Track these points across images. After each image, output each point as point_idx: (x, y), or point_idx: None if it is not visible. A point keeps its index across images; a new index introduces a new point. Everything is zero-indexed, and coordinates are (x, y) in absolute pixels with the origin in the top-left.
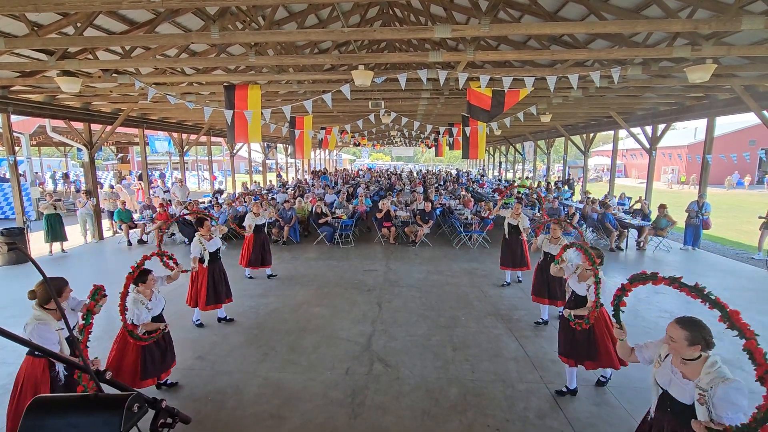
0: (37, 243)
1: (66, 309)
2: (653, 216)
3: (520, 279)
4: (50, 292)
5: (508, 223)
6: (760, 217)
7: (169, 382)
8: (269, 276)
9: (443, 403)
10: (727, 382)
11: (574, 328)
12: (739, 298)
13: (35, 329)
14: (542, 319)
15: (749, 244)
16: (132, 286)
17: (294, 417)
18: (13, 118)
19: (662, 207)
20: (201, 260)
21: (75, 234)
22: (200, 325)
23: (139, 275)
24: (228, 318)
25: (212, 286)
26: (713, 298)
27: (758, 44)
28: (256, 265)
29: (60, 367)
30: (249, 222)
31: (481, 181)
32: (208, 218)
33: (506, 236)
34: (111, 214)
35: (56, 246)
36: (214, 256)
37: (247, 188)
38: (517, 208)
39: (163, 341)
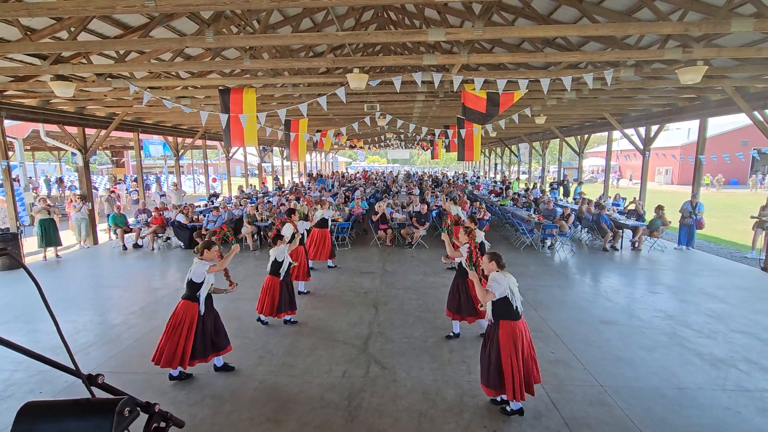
0: (32, 248)
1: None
2: (648, 217)
3: None
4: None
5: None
6: (753, 217)
7: (222, 364)
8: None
9: (440, 405)
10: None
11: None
12: (732, 297)
13: (197, 267)
14: (453, 332)
15: (743, 244)
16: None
17: (290, 420)
18: (7, 122)
19: (659, 208)
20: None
21: (68, 239)
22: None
23: (207, 243)
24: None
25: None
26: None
27: (748, 46)
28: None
29: (201, 306)
30: (320, 216)
31: (477, 183)
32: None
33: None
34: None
35: (50, 251)
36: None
37: (243, 191)
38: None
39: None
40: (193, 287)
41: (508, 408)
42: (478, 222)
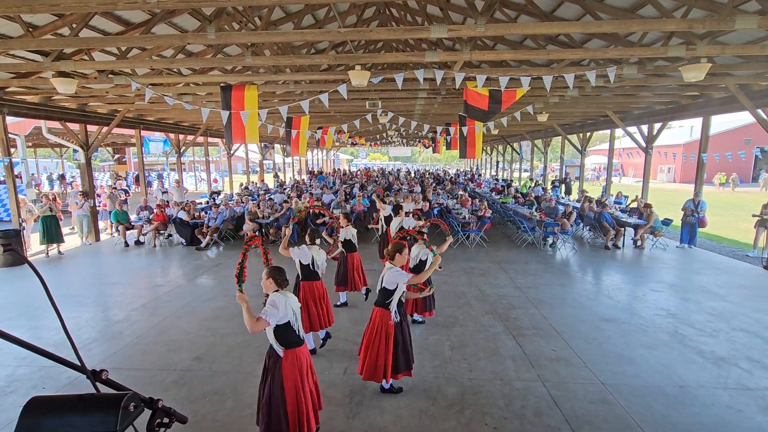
0: (35, 244)
1: None
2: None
3: None
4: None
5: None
6: (754, 215)
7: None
8: None
9: (441, 402)
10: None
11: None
12: (734, 295)
13: (390, 274)
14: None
15: (744, 242)
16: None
17: None
18: (9, 119)
19: (647, 206)
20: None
21: (68, 235)
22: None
23: (398, 247)
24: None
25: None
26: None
27: (752, 43)
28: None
29: (393, 315)
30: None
31: (478, 180)
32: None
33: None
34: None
35: (53, 248)
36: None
37: (247, 188)
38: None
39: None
40: (386, 294)
41: None
42: (481, 220)
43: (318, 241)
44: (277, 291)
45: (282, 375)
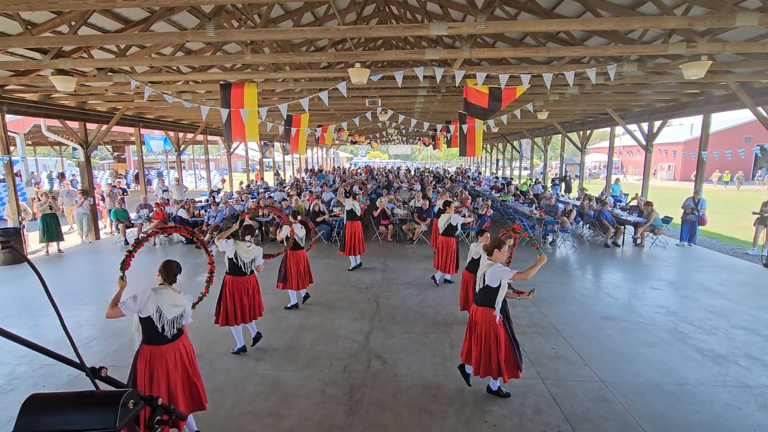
0: (34, 243)
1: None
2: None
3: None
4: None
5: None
6: (754, 213)
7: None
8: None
9: (441, 400)
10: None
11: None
12: (734, 293)
13: (493, 271)
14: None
15: (744, 240)
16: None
17: (292, 415)
18: (8, 117)
19: (648, 204)
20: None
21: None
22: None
23: (497, 243)
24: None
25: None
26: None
27: (753, 41)
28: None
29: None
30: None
31: (478, 179)
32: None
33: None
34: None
35: (52, 246)
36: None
37: (249, 187)
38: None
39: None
40: (489, 292)
41: None
42: (481, 218)
43: (248, 238)
44: (162, 285)
45: (135, 368)
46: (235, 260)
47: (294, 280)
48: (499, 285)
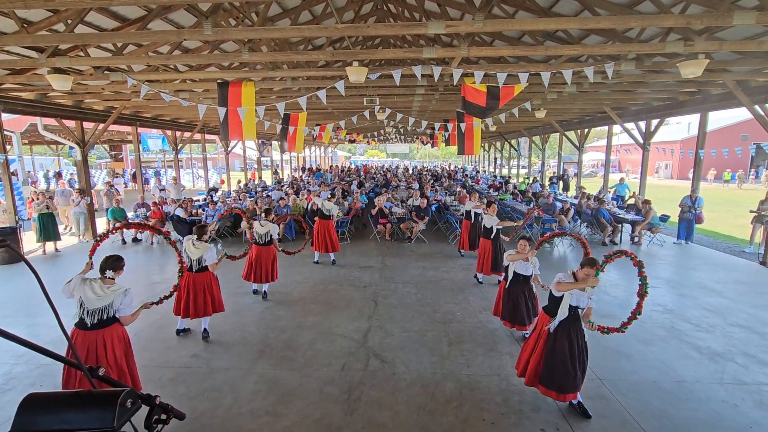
0: (31, 242)
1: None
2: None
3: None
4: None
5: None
6: (751, 211)
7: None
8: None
9: (439, 398)
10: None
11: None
12: (731, 291)
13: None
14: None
15: (741, 238)
16: None
17: (290, 413)
18: (4, 116)
19: (646, 202)
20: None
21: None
22: None
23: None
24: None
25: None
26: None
27: (750, 39)
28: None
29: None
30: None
31: (476, 177)
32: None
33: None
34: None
35: (49, 245)
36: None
37: (246, 186)
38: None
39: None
40: (552, 300)
41: None
42: None
43: (205, 238)
44: (99, 277)
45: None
46: (186, 258)
47: (258, 275)
48: (561, 296)
